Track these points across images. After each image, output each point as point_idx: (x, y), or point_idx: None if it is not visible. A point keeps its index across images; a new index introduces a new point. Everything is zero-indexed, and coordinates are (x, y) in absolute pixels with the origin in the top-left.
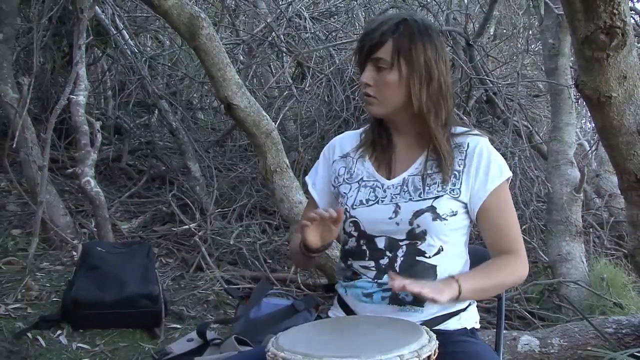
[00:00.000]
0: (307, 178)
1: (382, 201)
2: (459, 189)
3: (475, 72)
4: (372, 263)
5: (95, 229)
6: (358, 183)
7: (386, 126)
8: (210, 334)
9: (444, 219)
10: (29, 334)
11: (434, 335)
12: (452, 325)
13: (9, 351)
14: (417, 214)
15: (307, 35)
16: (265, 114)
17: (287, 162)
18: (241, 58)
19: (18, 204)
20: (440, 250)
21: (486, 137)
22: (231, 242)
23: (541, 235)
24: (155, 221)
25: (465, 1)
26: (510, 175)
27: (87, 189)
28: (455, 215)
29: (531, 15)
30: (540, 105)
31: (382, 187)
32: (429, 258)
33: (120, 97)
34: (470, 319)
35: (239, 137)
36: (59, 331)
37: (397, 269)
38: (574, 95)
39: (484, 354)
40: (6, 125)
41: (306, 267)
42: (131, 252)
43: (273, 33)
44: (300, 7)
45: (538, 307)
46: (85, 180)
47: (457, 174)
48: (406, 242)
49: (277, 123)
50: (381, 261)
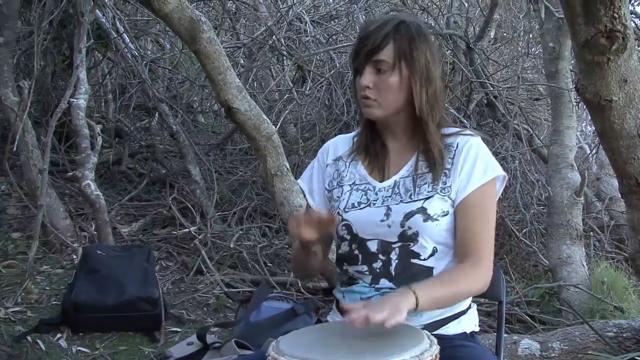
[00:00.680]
0: (302, 184)
1: (374, 204)
2: (450, 187)
3: (475, 75)
4: (365, 267)
5: (95, 232)
6: (350, 186)
7: (378, 130)
8: (210, 338)
9: (435, 219)
10: (29, 338)
11: (435, 340)
12: (452, 329)
13: (8, 355)
14: (407, 216)
15: (307, 38)
16: (265, 117)
17: (288, 165)
18: (242, 61)
19: (18, 207)
20: (434, 251)
21: (478, 137)
22: (231, 246)
23: (542, 239)
24: (156, 224)
25: (466, 5)
26: (499, 175)
27: (88, 192)
28: (447, 215)
29: (531, 18)
30: (540, 108)
31: (374, 190)
32: (424, 260)
33: (120, 101)
34: (470, 323)
35: (239, 141)
36: (58, 335)
37: (392, 272)
38: (575, 99)
39: (484, 358)
40: (7, 128)
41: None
42: (131, 256)
43: (273, 36)
44: (300, 11)
45: (538, 310)
46: (86, 183)
47: (447, 172)
48: (398, 244)
49: (277, 126)
50: (374, 265)
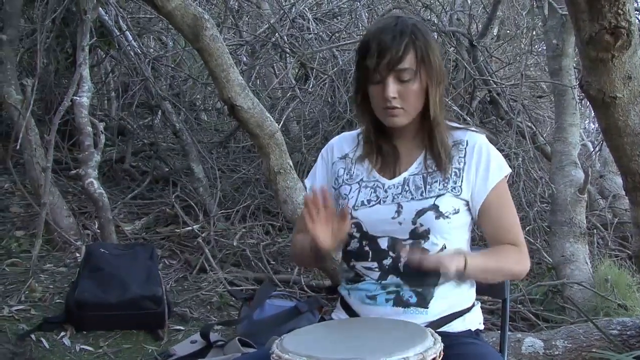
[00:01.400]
0: (306, 181)
1: (384, 201)
2: (460, 187)
3: (478, 72)
4: (375, 264)
5: (98, 231)
6: (358, 184)
7: (386, 130)
8: (213, 336)
9: (447, 217)
10: (33, 336)
11: (439, 338)
12: (456, 326)
13: (12, 353)
14: (419, 213)
15: (310, 36)
16: (268, 115)
17: (291, 163)
18: (244, 59)
19: (22, 205)
20: (443, 248)
21: (484, 135)
22: (234, 244)
23: (545, 237)
24: (159, 222)
25: (469, 2)
26: (510, 172)
27: (91, 190)
28: (458, 213)
29: (535, 15)
30: (543, 106)
31: (383, 187)
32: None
33: (123, 99)
34: (474, 320)
35: (242, 139)
36: (62, 333)
37: (401, 269)
38: (578, 96)
39: (489, 356)
40: (10, 126)
41: (312, 266)
42: (134, 254)
43: (276, 34)
44: (303, 8)
45: (542, 308)
46: (89, 181)
47: (458, 171)
48: (409, 241)
49: (280, 124)
50: (384, 262)
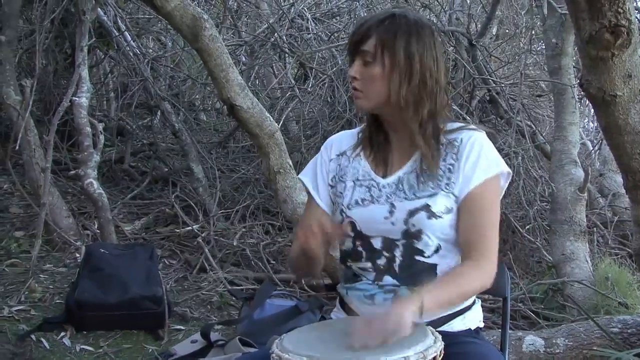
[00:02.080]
0: (304, 179)
1: (378, 201)
2: (453, 183)
3: (478, 72)
4: (369, 264)
5: (98, 231)
6: (354, 182)
7: (381, 123)
8: (214, 336)
9: (439, 216)
10: (33, 336)
11: (440, 336)
12: (456, 326)
13: (12, 353)
14: (411, 213)
15: (309, 36)
16: (268, 114)
17: (290, 162)
18: (244, 59)
19: (21, 206)
20: (438, 248)
21: (482, 132)
22: (234, 243)
23: (545, 235)
24: (158, 223)
25: (468, 1)
26: (502, 171)
27: (90, 190)
28: (451, 212)
29: (534, 14)
30: (543, 104)
31: (378, 186)
32: (428, 257)
33: (122, 99)
34: (474, 319)
35: (241, 138)
36: (62, 333)
37: (397, 269)
38: (577, 95)
39: (490, 354)
40: (9, 127)
41: (308, 276)
42: (134, 254)
43: (275, 34)
44: (302, 8)
45: (542, 306)
46: (88, 182)
47: (451, 167)
48: (402, 241)
49: (280, 124)
50: (378, 261)
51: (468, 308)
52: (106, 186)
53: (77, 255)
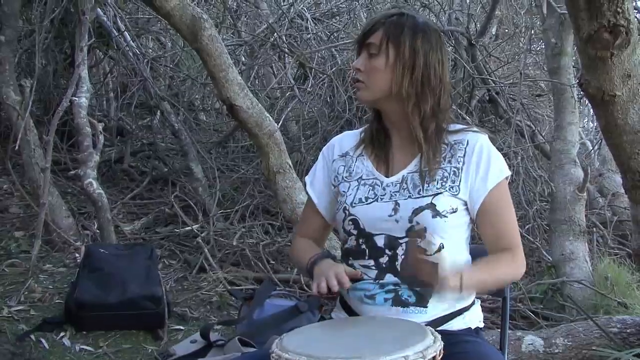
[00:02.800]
0: (306, 178)
1: (382, 199)
2: (458, 186)
3: (477, 72)
4: (371, 262)
5: (97, 231)
6: (357, 181)
7: (384, 122)
8: (213, 336)
9: (444, 215)
10: (32, 336)
11: (439, 336)
12: (456, 325)
13: (12, 353)
14: (416, 212)
15: (309, 36)
16: (267, 114)
17: (290, 162)
18: (243, 59)
19: (21, 206)
20: (441, 247)
21: (486, 135)
22: (234, 243)
23: (544, 235)
24: (158, 223)
25: (467, 1)
26: (510, 174)
27: (90, 190)
28: (455, 212)
29: (533, 14)
30: (542, 104)
31: (382, 185)
32: (430, 256)
33: (122, 99)
34: (474, 319)
35: (241, 138)
36: (62, 333)
37: (398, 267)
38: (577, 95)
39: (489, 354)
40: (9, 127)
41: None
42: (134, 254)
43: (275, 34)
44: (302, 8)
45: (542, 306)
46: (88, 182)
47: (457, 171)
48: (405, 239)
49: (279, 124)
50: (381, 260)
51: (467, 308)
52: (106, 186)
53: (77, 255)
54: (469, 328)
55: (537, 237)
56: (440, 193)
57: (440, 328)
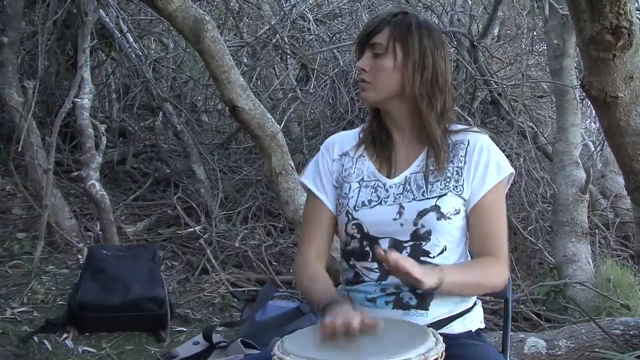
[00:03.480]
0: (306, 180)
1: (385, 202)
2: (462, 185)
3: (479, 73)
4: (375, 264)
5: (100, 232)
6: (359, 183)
7: (384, 122)
8: (216, 337)
9: (448, 217)
10: (35, 338)
11: (441, 338)
12: (456, 328)
13: (15, 355)
14: (421, 214)
15: (311, 37)
16: (270, 116)
17: (292, 164)
18: (245, 60)
19: (23, 207)
20: (444, 249)
21: (486, 135)
22: (236, 245)
23: (547, 237)
24: (160, 224)
25: (469, 2)
26: (511, 173)
27: (92, 192)
28: (458, 213)
29: (535, 15)
30: (545, 106)
31: (384, 187)
32: (433, 258)
33: (124, 100)
34: (475, 320)
35: (243, 140)
36: (64, 335)
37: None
38: (579, 96)
39: (491, 356)
40: (11, 128)
41: None
42: (136, 255)
43: (277, 35)
44: (304, 9)
45: (544, 308)
46: (90, 183)
47: (460, 170)
48: (410, 243)
49: (281, 125)
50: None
51: (469, 310)
52: (108, 187)
53: (80, 256)
54: (470, 330)
55: (540, 239)
56: (445, 194)
57: (442, 331)
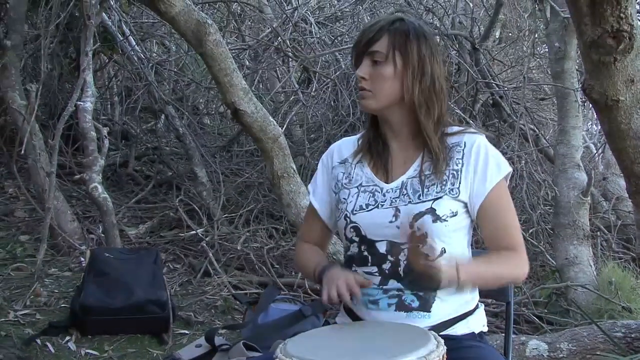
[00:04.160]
0: (310, 187)
1: (382, 205)
2: (458, 188)
3: (481, 75)
4: (374, 269)
5: (102, 235)
6: (357, 188)
7: (381, 129)
8: (218, 340)
9: (444, 220)
10: (38, 340)
11: (442, 341)
12: (459, 330)
13: (18, 357)
14: (417, 217)
15: (312, 40)
16: (272, 119)
17: (294, 167)
18: (247, 63)
19: (26, 210)
20: (442, 252)
21: (483, 135)
22: (238, 248)
23: (548, 239)
24: (163, 227)
25: (471, 5)
26: (510, 171)
27: (95, 194)
28: (456, 215)
29: (537, 18)
30: (546, 108)
31: (382, 191)
32: (434, 261)
33: (127, 103)
34: (477, 323)
35: (245, 142)
36: (67, 337)
37: (401, 273)
38: (581, 98)
39: (493, 359)
40: (14, 131)
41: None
42: (139, 258)
43: (279, 38)
44: (305, 12)
45: (546, 311)
46: (93, 186)
47: (456, 173)
48: (407, 245)
49: (283, 128)
50: (384, 266)
51: (471, 312)
52: (111, 190)
53: (82, 259)
54: (472, 333)
55: (541, 242)
56: (440, 197)
57: (444, 333)
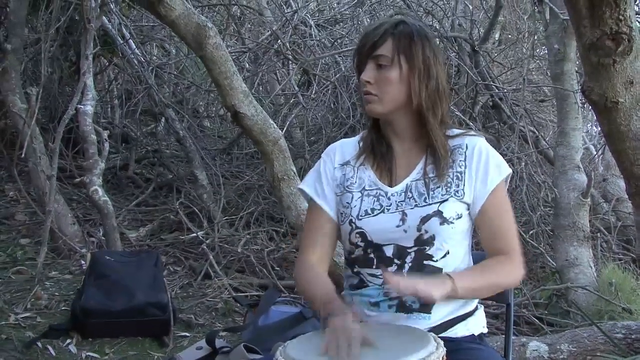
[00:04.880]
0: (306, 187)
1: (388, 209)
2: (463, 190)
3: (480, 77)
4: (379, 271)
5: (103, 238)
6: (360, 192)
7: (384, 132)
8: (219, 342)
9: (451, 222)
10: (39, 343)
11: (442, 342)
12: (459, 331)
13: None
14: (424, 220)
15: (312, 42)
16: (272, 121)
17: (294, 169)
18: (247, 66)
19: (26, 213)
20: (447, 253)
21: (483, 137)
22: (239, 250)
23: (548, 241)
24: (163, 229)
25: (470, 7)
26: (510, 172)
27: (95, 197)
28: (461, 217)
29: (536, 20)
30: (546, 110)
31: (386, 195)
32: (436, 261)
33: (127, 106)
34: (477, 324)
35: (245, 145)
36: (68, 340)
37: (405, 274)
38: (580, 100)
39: None
40: (15, 135)
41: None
42: (139, 261)
43: (279, 41)
44: (305, 15)
45: (546, 312)
46: (93, 189)
47: (460, 175)
48: (414, 248)
49: (283, 131)
50: (389, 269)
51: (471, 314)
52: (111, 193)
53: (83, 262)
54: (472, 334)
55: (541, 243)
56: (446, 199)
57: (444, 334)
